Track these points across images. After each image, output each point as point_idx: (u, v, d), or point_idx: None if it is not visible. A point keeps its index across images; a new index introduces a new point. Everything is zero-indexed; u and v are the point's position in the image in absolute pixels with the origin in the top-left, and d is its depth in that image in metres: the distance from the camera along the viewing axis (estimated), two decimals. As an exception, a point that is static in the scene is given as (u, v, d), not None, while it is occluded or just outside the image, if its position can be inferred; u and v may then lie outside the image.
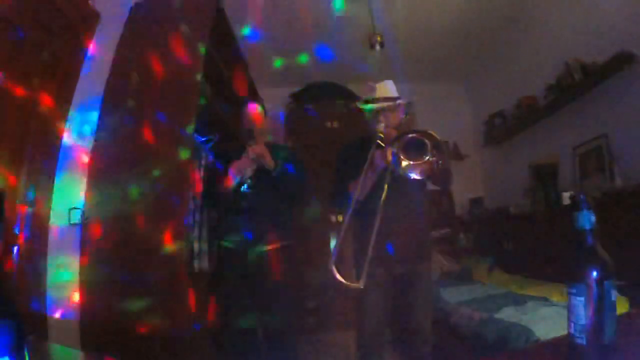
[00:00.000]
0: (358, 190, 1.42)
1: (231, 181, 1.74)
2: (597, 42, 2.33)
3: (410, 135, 1.39)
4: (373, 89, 1.65)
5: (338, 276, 1.18)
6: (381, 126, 1.55)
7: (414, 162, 1.38)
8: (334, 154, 1.77)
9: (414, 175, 1.39)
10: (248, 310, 1.75)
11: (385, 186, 1.40)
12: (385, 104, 1.60)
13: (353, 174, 1.49)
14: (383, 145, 1.46)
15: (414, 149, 1.39)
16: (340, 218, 3.34)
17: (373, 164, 1.46)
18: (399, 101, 1.64)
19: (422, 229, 1.72)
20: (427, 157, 1.37)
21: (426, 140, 1.37)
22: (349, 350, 1.74)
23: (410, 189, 1.56)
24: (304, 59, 3.26)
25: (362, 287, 1.21)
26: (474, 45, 3.43)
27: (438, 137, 1.38)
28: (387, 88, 1.66)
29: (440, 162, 1.37)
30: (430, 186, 1.71)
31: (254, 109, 1.95)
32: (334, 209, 1.68)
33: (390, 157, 1.40)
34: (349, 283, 1.20)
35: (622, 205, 1.97)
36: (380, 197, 1.37)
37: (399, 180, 1.43)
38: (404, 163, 1.38)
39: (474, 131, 4.04)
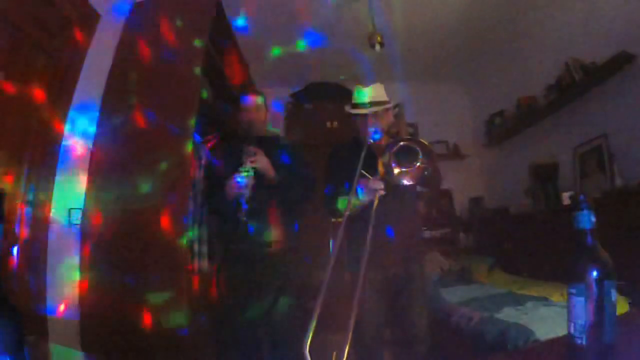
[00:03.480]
0: (347, 208, 1.41)
1: (231, 195, 1.69)
2: (597, 42, 2.33)
3: (401, 144, 1.41)
4: (363, 93, 1.65)
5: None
6: (371, 130, 1.57)
7: (406, 169, 1.40)
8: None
9: (405, 182, 1.41)
10: (250, 310, 1.74)
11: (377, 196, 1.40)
12: (376, 109, 1.62)
13: (344, 177, 1.50)
14: (367, 175, 1.45)
15: (405, 155, 1.41)
16: (339, 219, 3.33)
17: (357, 193, 1.44)
18: (388, 105, 1.66)
19: (414, 230, 1.73)
20: (418, 164, 1.38)
21: (417, 147, 1.39)
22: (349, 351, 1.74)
23: (401, 191, 1.57)
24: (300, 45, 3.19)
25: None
26: (474, 45, 3.42)
27: (427, 144, 1.40)
28: (377, 91, 1.66)
29: (429, 169, 1.39)
30: (420, 188, 1.71)
31: (254, 100, 1.86)
32: (330, 215, 1.69)
33: (382, 169, 1.41)
34: None
35: (622, 205, 1.97)
36: (372, 206, 1.37)
37: (391, 185, 1.44)
38: (396, 170, 1.40)
39: (474, 131, 4.04)
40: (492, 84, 3.75)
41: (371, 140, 1.56)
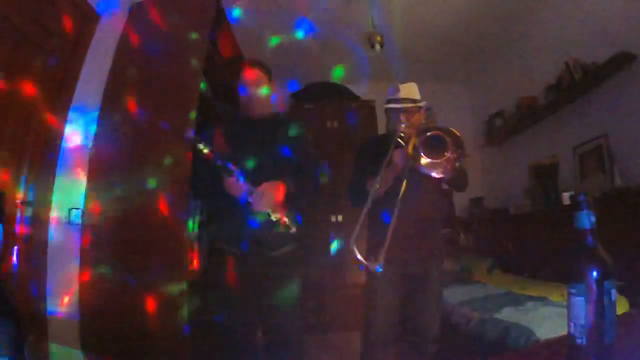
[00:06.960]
0: (376, 186, 1.40)
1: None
2: (597, 42, 2.33)
3: (430, 133, 1.38)
4: (397, 90, 1.66)
5: (359, 256, 1.20)
6: (402, 126, 1.56)
7: (433, 160, 1.37)
8: (334, 154, 1.77)
9: (434, 174, 1.37)
10: (248, 311, 1.73)
11: (404, 183, 1.39)
12: (407, 105, 1.61)
13: (371, 170, 1.48)
14: (403, 144, 1.45)
15: (434, 146, 1.37)
16: (340, 218, 3.34)
17: (392, 161, 1.45)
18: (421, 104, 1.65)
19: (438, 229, 1.71)
20: (447, 155, 1.35)
21: (446, 137, 1.36)
22: (350, 350, 1.73)
23: (428, 188, 1.55)
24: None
25: (381, 270, 1.22)
26: (474, 45, 3.42)
27: (459, 134, 1.36)
28: (411, 90, 1.66)
29: (461, 159, 1.35)
30: (444, 185, 1.70)
31: (255, 73, 1.53)
32: (353, 204, 1.65)
33: (410, 152, 1.38)
34: (368, 263, 1.22)
35: (622, 205, 1.97)
36: (398, 194, 1.36)
37: (417, 179, 1.42)
38: (424, 161, 1.37)
39: (474, 131, 4.04)
40: (492, 84, 3.75)
41: (402, 134, 1.52)
